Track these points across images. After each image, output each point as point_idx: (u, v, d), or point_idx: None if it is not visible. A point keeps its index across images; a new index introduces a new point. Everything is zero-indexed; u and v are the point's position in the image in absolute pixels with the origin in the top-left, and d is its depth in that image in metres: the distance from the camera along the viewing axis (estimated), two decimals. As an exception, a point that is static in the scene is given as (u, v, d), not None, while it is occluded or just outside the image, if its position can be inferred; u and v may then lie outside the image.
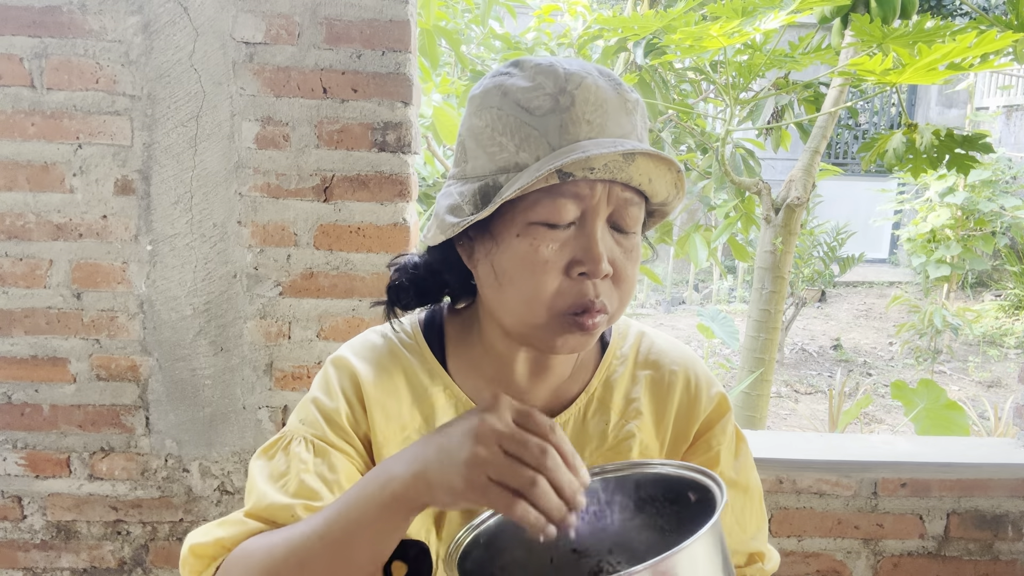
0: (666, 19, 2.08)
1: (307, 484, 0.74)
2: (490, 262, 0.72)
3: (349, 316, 1.55)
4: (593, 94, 0.68)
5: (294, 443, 0.78)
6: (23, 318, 1.53)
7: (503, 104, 0.69)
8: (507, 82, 0.70)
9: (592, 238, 0.68)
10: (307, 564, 0.66)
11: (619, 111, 0.69)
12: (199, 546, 0.73)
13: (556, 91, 0.67)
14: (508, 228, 0.69)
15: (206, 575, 0.73)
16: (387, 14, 1.46)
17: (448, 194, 0.73)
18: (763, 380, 2.98)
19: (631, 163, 0.66)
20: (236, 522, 0.73)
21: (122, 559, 1.64)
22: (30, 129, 1.47)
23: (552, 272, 0.68)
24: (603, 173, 0.66)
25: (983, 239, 7.40)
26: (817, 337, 7.30)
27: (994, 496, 1.73)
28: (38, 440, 1.58)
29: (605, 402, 0.83)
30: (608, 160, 0.65)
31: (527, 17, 4.25)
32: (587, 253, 0.68)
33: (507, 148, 0.68)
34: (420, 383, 0.81)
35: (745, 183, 2.84)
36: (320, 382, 0.82)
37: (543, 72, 0.68)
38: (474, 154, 0.71)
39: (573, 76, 0.68)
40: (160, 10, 1.45)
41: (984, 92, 10.59)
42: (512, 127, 0.68)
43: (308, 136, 1.49)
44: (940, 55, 1.65)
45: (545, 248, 0.68)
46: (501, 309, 0.73)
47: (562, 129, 0.67)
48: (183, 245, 1.52)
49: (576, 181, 0.66)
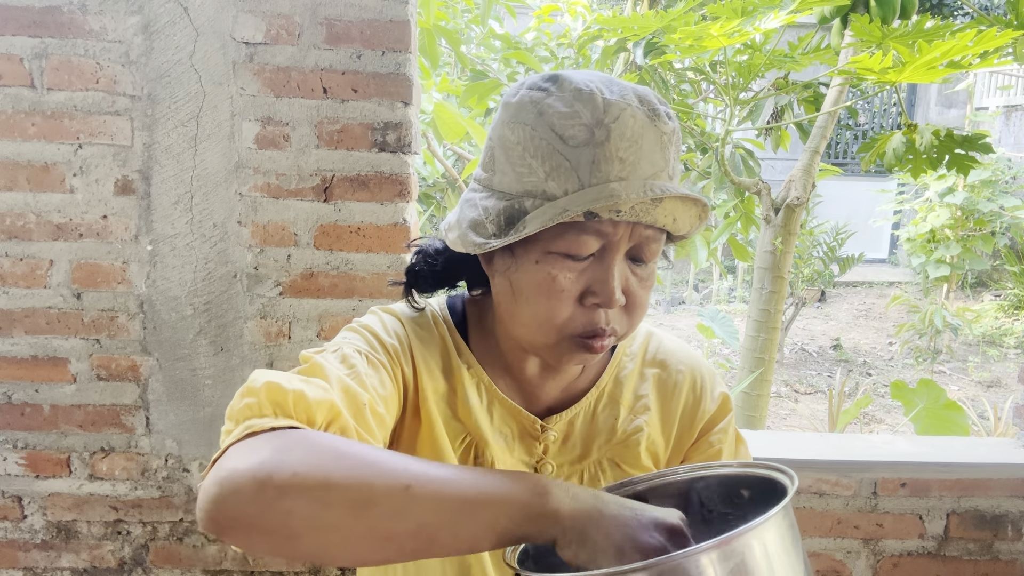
0: (666, 19, 2.08)
1: (368, 385, 0.70)
2: (508, 277, 0.73)
3: (349, 316, 1.55)
4: (629, 129, 0.66)
5: (347, 348, 0.73)
6: (23, 318, 1.53)
7: (537, 125, 0.67)
8: (544, 101, 0.68)
9: (609, 272, 0.69)
10: (376, 505, 0.55)
11: (654, 147, 0.67)
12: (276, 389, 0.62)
13: (593, 123, 0.65)
14: (528, 252, 0.70)
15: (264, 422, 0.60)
16: (387, 14, 1.46)
17: (472, 203, 0.73)
18: (763, 380, 2.98)
19: (658, 206, 0.66)
20: (322, 387, 0.64)
21: (122, 559, 1.64)
22: (30, 129, 1.47)
23: (566, 301, 0.69)
24: (629, 216, 0.66)
25: (983, 239, 7.41)
26: (817, 337, 7.30)
27: (994, 496, 1.73)
28: (38, 440, 1.58)
29: (615, 397, 0.85)
30: (635, 203, 0.65)
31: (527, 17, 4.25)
32: (602, 286, 0.69)
33: (536, 172, 0.67)
34: (450, 354, 0.82)
35: (745, 183, 2.84)
36: (371, 319, 0.81)
37: (582, 99, 0.66)
38: (502, 168, 0.71)
39: (612, 107, 0.66)
40: (160, 10, 1.45)
41: (984, 92, 10.59)
42: (544, 152, 0.67)
43: (308, 136, 1.49)
44: (940, 53, 1.65)
45: (562, 277, 0.69)
46: (513, 321, 0.74)
47: (594, 165, 0.65)
48: (183, 245, 1.52)
49: (601, 220, 0.66)
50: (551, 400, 0.84)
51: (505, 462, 0.81)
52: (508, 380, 0.83)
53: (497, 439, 0.81)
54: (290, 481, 0.54)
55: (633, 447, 0.84)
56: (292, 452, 0.56)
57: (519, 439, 0.82)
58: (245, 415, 0.61)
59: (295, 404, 0.62)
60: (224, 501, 0.54)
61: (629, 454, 0.84)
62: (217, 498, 0.54)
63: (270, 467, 0.55)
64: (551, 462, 0.82)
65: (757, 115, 3.11)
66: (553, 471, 0.83)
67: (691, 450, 0.88)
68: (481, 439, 0.80)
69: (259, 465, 0.55)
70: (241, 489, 0.54)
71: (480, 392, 0.82)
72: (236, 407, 0.62)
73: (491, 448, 0.80)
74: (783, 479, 0.65)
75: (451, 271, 0.83)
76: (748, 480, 0.70)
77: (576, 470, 0.83)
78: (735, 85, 2.34)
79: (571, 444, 0.84)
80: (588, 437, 0.84)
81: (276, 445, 0.57)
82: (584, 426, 0.84)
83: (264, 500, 0.54)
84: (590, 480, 0.83)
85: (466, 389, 0.81)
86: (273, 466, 0.55)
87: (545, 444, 0.82)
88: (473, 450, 0.81)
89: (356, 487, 0.55)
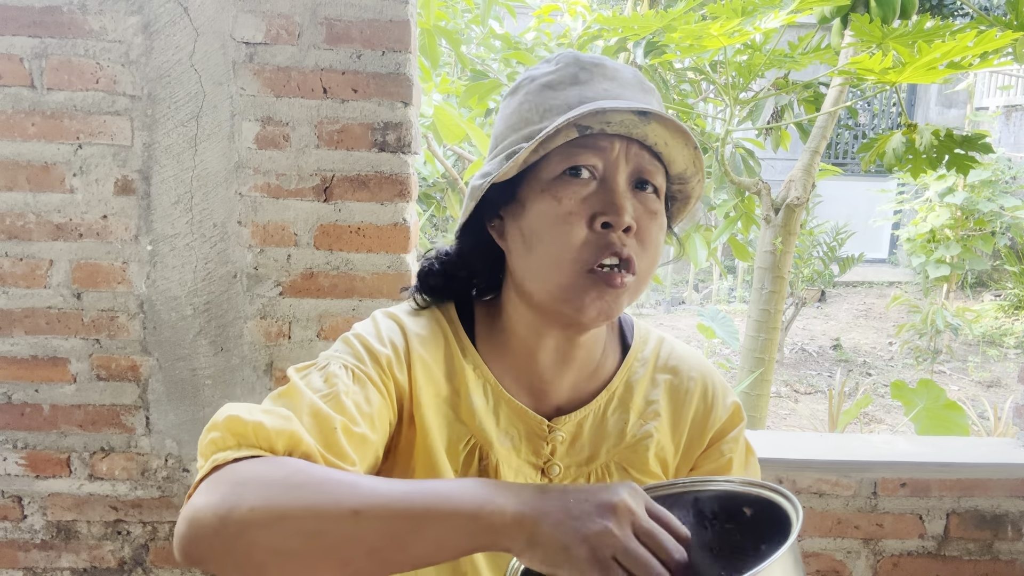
0: (666, 19, 2.08)
1: (346, 406, 0.70)
2: (519, 228, 0.75)
3: (349, 316, 1.55)
4: (612, 71, 0.74)
5: (333, 365, 0.74)
6: (23, 318, 1.53)
7: (530, 88, 0.75)
8: (535, 71, 0.77)
9: (613, 191, 0.71)
10: (328, 532, 0.57)
11: (636, 87, 0.75)
12: (236, 421, 0.64)
13: (577, 69, 0.74)
14: (533, 189, 0.73)
15: (227, 455, 0.62)
16: (387, 14, 1.46)
17: (479, 172, 0.77)
18: (763, 380, 2.98)
19: (646, 124, 0.70)
20: (283, 416, 0.66)
21: (122, 559, 1.64)
22: (30, 129, 1.47)
23: (576, 223, 0.71)
24: (619, 128, 0.70)
25: (983, 239, 7.41)
26: (817, 337, 7.30)
27: (994, 496, 1.73)
28: (38, 440, 1.58)
29: (625, 401, 0.85)
30: (623, 117, 0.69)
31: (527, 17, 4.25)
32: (609, 204, 0.70)
33: (532, 120, 0.73)
34: (454, 356, 0.82)
35: (745, 183, 2.84)
36: (367, 326, 0.81)
37: (564, 58, 0.75)
38: (503, 136, 0.77)
39: (593, 59, 0.75)
40: (160, 10, 1.45)
41: (984, 92, 10.59)
42: (536, 103, 0.74)
43: (308, 136, 1.49)
44: (940, 53, 1.65)
45: (568, 200, 0.71)
46: (531, 275, 0.75)
47: (581, 96, 0.72)
48: (183, 245, 1.52)
49: (594, 135, 0.71)
50: (560, 400, 0.83)
51: (511, 463, 0.80)
52: (516, 379, 0.83)
53: (503, 441, 0.80)
54: (248, 516, 0.57)
55: (642, 452, 0.83)
56: (248, 486, 0.59)
57: (526, 440, 0.81)
58: (210, 450, 0.64)
59: (255, 434, 0.64)
60: (193, 538, 0.58)
61: (637, 459, 0.83)
62: (187, 536, 0.58)
63: (230, 503, 0.58)
64: (558, 463, 0.82)
65: (757, 115, 3.11)
66: (560, 472, 0.82)
67: (701, 458, 0.87)
68: (486, 441, 0.80)
69: (220, 502, 0.58)
70: (206, 526, 0.58)
71: (486, 393, 0.81)
72: (203, 443, 0.65)
73: (496, 450, 0.80)
74: (787, 506, 0.63)
75: (462, 268, 0.84)
76: (751, 499, 0.68)
77: (583, 472, 0.83)
78: (735, 85, 2.34)
79: (579, 446, 0.83)
80: (597, 440, 0.83)
81: (235, 479, 0.60)
82: (593, 429, 0.83)
83: (227, 536, 0.57)
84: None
85: (470, 391, 0.80)
86: (232, 502, 0.58)
87: (553, 445, 0.82)
88: (478, 453, 0.80)
89: (307, 516, 0.57)
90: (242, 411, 0.65)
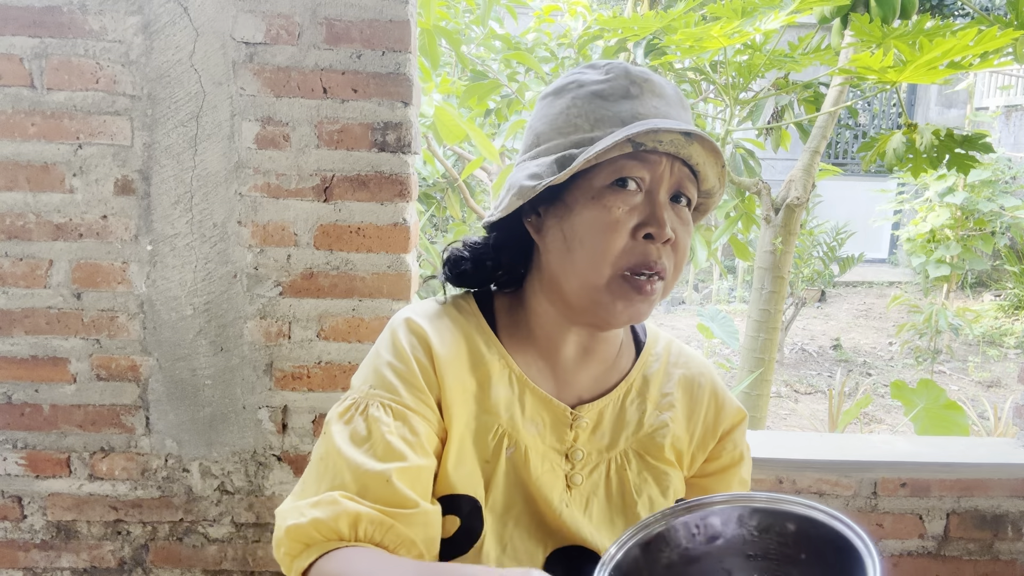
0: (666, 19, 2.08)
1: (393, 446, 0.76)
2: (561, 228, 0.79)
3: (349, 316, 1.55)
4: (659, 87, 0.79)
5: (372, 408, 0.79)
6: (23, 318, 1.53)
7: (579, 93, 0.79)
8: (583, 77, 0.80)
9: (658, 204, 0.77)
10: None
11: (679, 105, 0.80)
12: (297, 528, 0.73)
13: (628, 83, 0.78)
14: (583, 194, 0.77)
15: (302, 559, 0.73)
16: (387, 14, 1.46)
17: (524, 167, 0.80)
18: (763, 380, 2.98)
19: (690, 144, 0.76)
20: (330, 502, 0.73)
21: (122, 559, 1.64)
22: (30, 129, 1.47)
23: (622, 232, 0.76)
24: (669, 147, 0.76)
25: (983, 239, 7.41)
26: (817, 337, 7.30)
27: (994, 496, 1.73)
28: (38, 440, 1.58)
29: (643, 393, 0.90)
30: (673, 137, 0.75)
31: (527, 17, 4.25)
32: (653, 217, 0.76)
33: (582, 128, 0.77)
34: (478, 349, 0.85)
35: (745, 183, 2.84)
36: (388, 345, 0.84)
37: (615, 69, 0.79)
38: (548, 136, 0.80)
39: (642, 73, 0.79)
40: (160, 10, 1.45)
41: (984, 92, 10.59)
42: (587, 110, 0.78)
43: (308, 136, 1.49)
44: (940, 52, 1.65)
45: (616, 209, 0.76)
46: (567, 274, 0.79)
47: (633, 112, 0.77)
48: (183, 245, 1.52)
49: (646, 151, 0.76)
50: (582, 391, 0.88)
51: (537, 449, 0.84)
52: (540, 370, 0.87)
53: (529, 428, 0.84)
54: None
55: (658, 440, 0.88)
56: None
57: (551, 427, 0.85)
58: (288, 563, 0.74)
59: (318, 531, 0.73)
60: None
61: (654, 447, 0.88)
62: None
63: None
64: (581, 449, 0.86)
65: (757, 115, 3.11)
66: (583, 457, 0.86)
67: (716, 448, 0.94)
68: (514, 429, 0.84)
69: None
70: None
71: (511, 382, 0.85)
72: (279, 556, 0.75)
73: (523, 437, 0.84)
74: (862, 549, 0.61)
75: (490, 257, 0.87)
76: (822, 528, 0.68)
77: (604, 458, 0.87)
78: (735, 85, 2.34)
79: (600, 433, 0.87)
80: (617, 428, 0.88)
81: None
82: (613, 417, 0.88)
83: None
84: (616, 469, 0.87)
85: (494, 382, 0.84)
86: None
87: (576, 432, 0.86)
88: (506, 440, 0.84)
89: None
90: (294, 516, 0.73)
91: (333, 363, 1.56)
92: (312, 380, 1.57)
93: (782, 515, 0.71)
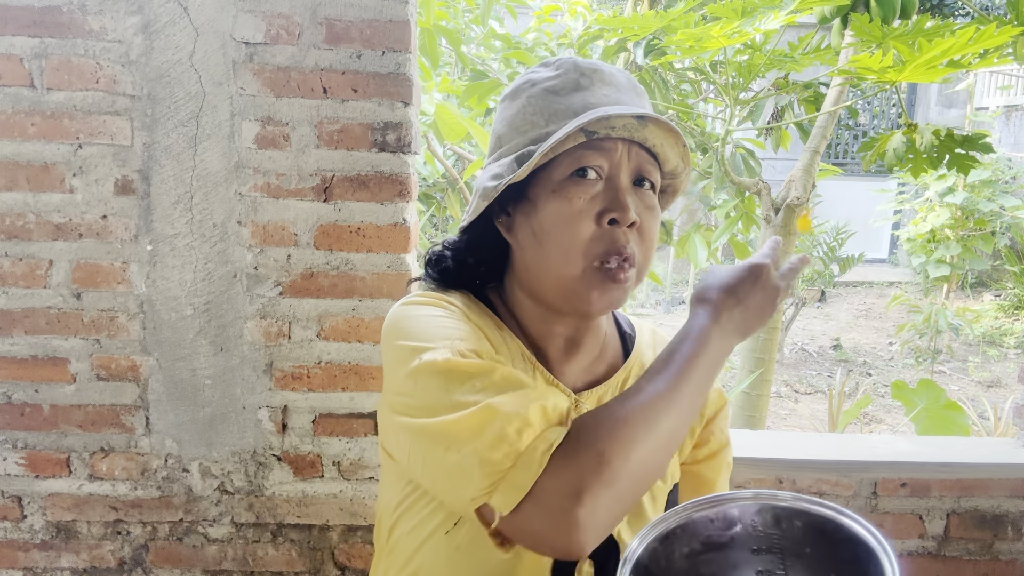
0: (666, 19, 2.08)
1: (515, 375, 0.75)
2: (529, 225, 0.80)
3: (349, 316, 1.55)
4: (609, 75, 0.81)
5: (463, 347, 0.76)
6: (23, 318, 1.53)
7: (532, 92, 0.81)
8: (535, 76, 0.82)
9: (619, 189, 0.78)
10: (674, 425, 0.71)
11: (631, 91, 0.82)
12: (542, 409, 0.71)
13: (578, 75, 0.80)
14: (544, 189, 0.79)
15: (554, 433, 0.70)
16: (387, 14, 1.46)
17: (488, 169, 0.82)
18: (763, 380, 2.98)
19: (645, 127, 0.77)
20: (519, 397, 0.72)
21: (122, 559, 1.64)
22: (30, 129, 1.47)
23: (585, 220, 0.77)
24: (622, 132, 0.77)
25: (983, 239, 7.41)
26: (817, 337, 7.29)
27: (994, 496, 1.73)
28: (38, 440, 1.58)
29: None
30: (625, 121, 0.76)
31: (527, 17, 4.25)
32: (615, 202, 0.77)
33: (538, 124, 0.79)
34: (494, 331, 0.86)
35: (745, 183, 2.84)
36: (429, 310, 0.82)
37: (564, 64, 0.82)
38: (508, 136, 0.82)
39: (591, 65, 0.81)
40: (160, 10, 1.45)
41: (984, 92, 10.59)
42: (541, 107, 0.79)
43: (308, 136, 1.49)
44: (940, 51, 1.65)
45: (578, 199, 0.77)
46: (540, 269, 0.81)
47: (584, 102, 0.78)
48: (183, 245, 1.52)
49: (600, 138, 0.77)
50: (574, 380, 0.89)
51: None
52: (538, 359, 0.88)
53: None
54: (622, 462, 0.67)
55: None
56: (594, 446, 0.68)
57: None
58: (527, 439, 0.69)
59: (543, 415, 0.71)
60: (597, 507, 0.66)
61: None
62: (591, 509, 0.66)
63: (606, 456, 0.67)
64: None
65: (757, 115, 3.11)
66: None
67: (704, 433, 0.97)
68: None
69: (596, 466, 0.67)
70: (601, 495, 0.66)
71: (526, 361, 0.86)
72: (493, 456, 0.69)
73: None
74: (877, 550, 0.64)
75: (469, 255, 0.88)
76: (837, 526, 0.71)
77: None
78: (735, 85, 2.34)
79: None
80: None
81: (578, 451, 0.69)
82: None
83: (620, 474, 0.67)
84: None
85: (517, 362, 0.85)
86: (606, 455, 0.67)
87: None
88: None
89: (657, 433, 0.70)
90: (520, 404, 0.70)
91: (333, 363, 1.56)
92: (312, 380, 1.57)
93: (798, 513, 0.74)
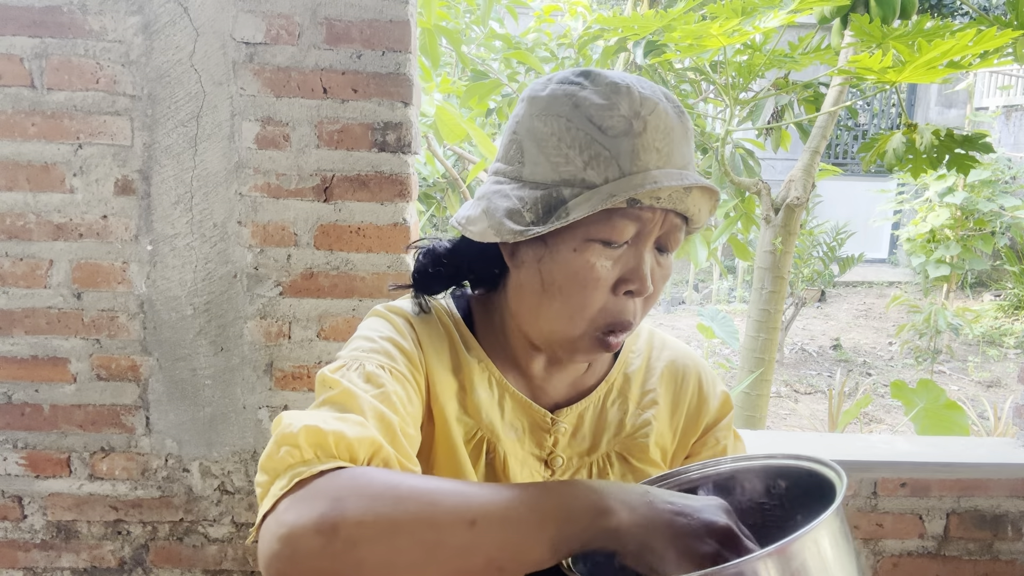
0: (666, 19, 2.08)
1: (396, 407, 0.68)
2: (538, 269, 0.73)
3: (349, 316, 1.55)
4: (663, 122, 0.69)
5: (369, 365, 0.72)
6: (23, 318, 1.53)
7: (573, 116, 0.68)
8: (579, 93, 0.69)
9: (641, 259, 0.71)
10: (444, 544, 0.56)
11: (682, 140, 0.71)
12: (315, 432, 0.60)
13: (630, 114, 0.68)
14: (565, 241, 0.70)
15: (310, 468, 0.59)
16: (387, 14, 1.46)
17: (504, 194, 0.72)
18: (763, 380, 2.98)
19: (689, 195, 0.69)
20: (358, 423, 0.64)
21: (122, 559, 1.64)
22: (30, 129, 1.47)
23: (602, 289, 0.71)
24: (667, 203, 0.69)
25: (982, 239, 7.41)
26: (817, 337, 7.30)
27: (994, 496, 1.73)
28: (38, 440, 1.58)
29: (624, 392, 0.87)
30: (673, 191, 0.68)
31: (528, 17, 4.25)
32: (636, 273, 0.71)
33: (574, 162, 0.68)
34: (459, 351, 0.82)
35: (745, 183, 2.84)
36: (381, 324, 0.79)
37: (619, 92, 0.69)
38: (534, 159, 0.71)
39: (647, 101, 0.69)
40: (160, 10, 1.45)
41: (984, 92, 10.59)
42: (581, 142, 0.68)
43: (308, 136, 1.49)
44: (940, 52, 1.65)
45: (600, 266, 0.70)
46: (536, 314, 0.75)
47: (634, 154, 0.68)
48: (183, 245, 1.52)
49: (642, 207, 0.68)
50: (558, 396, 0.85)
51: (516, 455, 0.82)
52: (516, 375, 0.84)
53: (508, 433, 0.82)
54: (356, 531, 0.55)
55: (641, 440, 0.85)
56: (349, 500, 0.56)
57: (530, 432, 0.83)
58: (287, 464, 0.60)
59: (336, 445, 0.61)
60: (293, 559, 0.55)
61: (637, 448, 0.85)
62: (283, 556, 0.55)
63: (332, 519, 0.55)
64: (561, 455, 0.83)
65: (757, 115, 3.11)
66: (563, 463, 0.83)
67: (696, 445, 0.90)
68: (493, 434, 0.81)
69: (321, 518, 0.55)
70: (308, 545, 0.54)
71: (491, 386, 0.82)
72: (276, 456, 0.61)
73: (503, 443, 0.81)
74: (829, 474, 0.66)
75: (459, 270, 0.83)
76: (789, 471, 0.71)
77: (585, 463, 0.84)
78: (735, 85, 2.34)
79: (580, 437, 0.84)
80: (597, 430, 0.85)
81: (331, 494, 0.57)
82: (593, 420, 0.85)
83: (334, 553, 0.54)
84: (598, 473, 0.84)
85: (476, 384, 0.81)
86: (335, 517, 0.55)
87: (555, 437, 0.83)
88: (485, 445, 0.81)
89: (423, 529, 0.56)
90: (317, 420, 0.62)
91: (333, 363, 1.57)
92: (312, 380, 1.57)
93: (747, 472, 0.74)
